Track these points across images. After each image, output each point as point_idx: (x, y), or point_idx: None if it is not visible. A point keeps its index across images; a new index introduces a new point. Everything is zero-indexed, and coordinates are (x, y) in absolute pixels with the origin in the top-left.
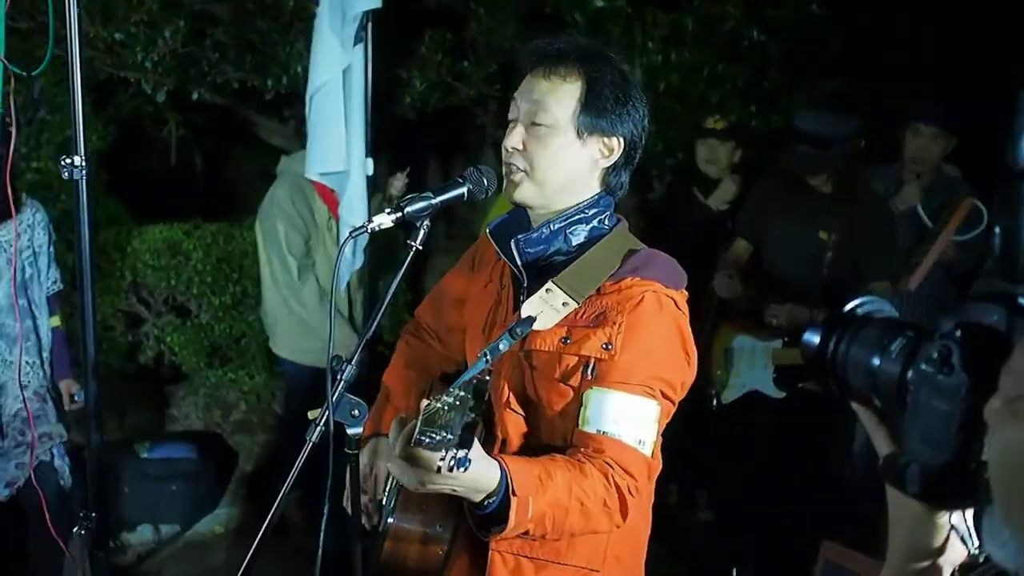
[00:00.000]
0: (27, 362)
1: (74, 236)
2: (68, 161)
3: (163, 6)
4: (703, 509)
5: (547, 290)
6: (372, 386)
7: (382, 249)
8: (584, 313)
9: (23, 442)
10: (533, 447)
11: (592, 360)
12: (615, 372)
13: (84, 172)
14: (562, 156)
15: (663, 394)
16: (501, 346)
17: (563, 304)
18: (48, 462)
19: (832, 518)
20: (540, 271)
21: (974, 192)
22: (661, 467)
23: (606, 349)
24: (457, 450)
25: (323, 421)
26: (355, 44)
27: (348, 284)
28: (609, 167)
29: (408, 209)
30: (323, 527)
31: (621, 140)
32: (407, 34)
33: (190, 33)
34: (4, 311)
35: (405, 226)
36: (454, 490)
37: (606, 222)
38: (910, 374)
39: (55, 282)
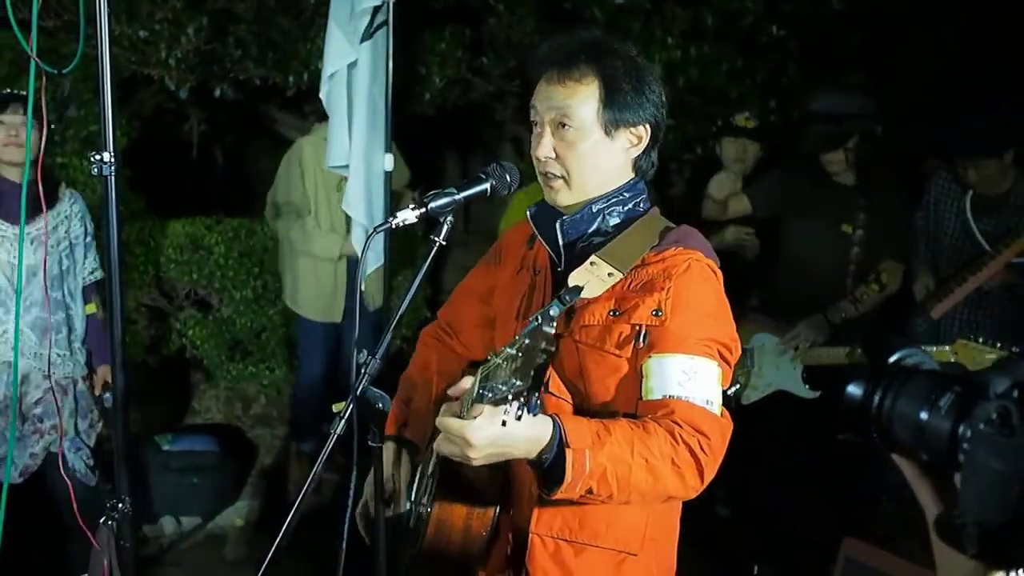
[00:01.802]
0: (57, 354)
1: (100, 231)
2: (97, 157)
3: (186, 4)
4: (722, 505)
5: (591, 263)
6: (394, 381)
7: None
8: (630, 283)
9: (40, 429)
10: None
11: (644, 328)
12: (670, 337)
13: (113, 168)
14: (595, 156)
15: (720, 355)
16: (552, 311)
17: (608, 275)
18: (60, 455)
19: (853, 515)
20: (578, 253)
21: None
22: (733, 426)
23: (656, 316)
24: (526, 394)
25: (347, 415)
26: (363, 40)
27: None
28: (640, 153)
29: (432, 205)
30: (348, 520)
31: (647, 126)
32: (426, 30)
33: (213, 30)
34: (38, 304)
35: (427, 222)
36: (511, 454)
37: (641, 205)
38: (961, 429)
39: (92, 271)
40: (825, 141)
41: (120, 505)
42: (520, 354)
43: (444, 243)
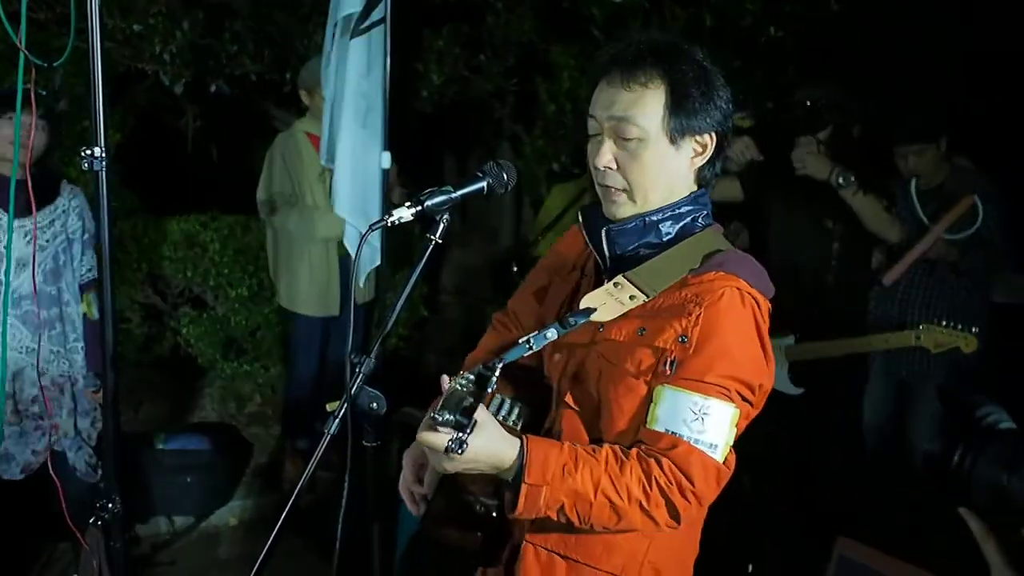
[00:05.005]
0: (51, 350)
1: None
2: (88, 152)
3: None
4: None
5: (615, 284)
6: (390, 379)
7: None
8: (661, 303)
9: (41, 426)
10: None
11: (667, 353)
12: (689, 369)
13: (105, 163)
14: (660, 166)
15: (740, 395)
16: (548, 334)
17: (630, 298)
18: (61, 453)
19: (847, 514)
20: (624, 262)
21: (985, 183)
22: (732, 473)
23: (681, 343)
24: (456, 432)
25: (341, 413)
26: (352, 37)
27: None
28: (704, 163)
29: (428, 203)
30: (341, 520)
31: (713, 135)
32: (424, 27)
33: (208, 25)
34: (28, 298)
35: (423, 220)
36: (477, 469)
37: (699, 221)
38: None
39: (90, 269)
40: (796, 124)
41: (110, 505)
42: (469, 385)
43: (440, 241)
